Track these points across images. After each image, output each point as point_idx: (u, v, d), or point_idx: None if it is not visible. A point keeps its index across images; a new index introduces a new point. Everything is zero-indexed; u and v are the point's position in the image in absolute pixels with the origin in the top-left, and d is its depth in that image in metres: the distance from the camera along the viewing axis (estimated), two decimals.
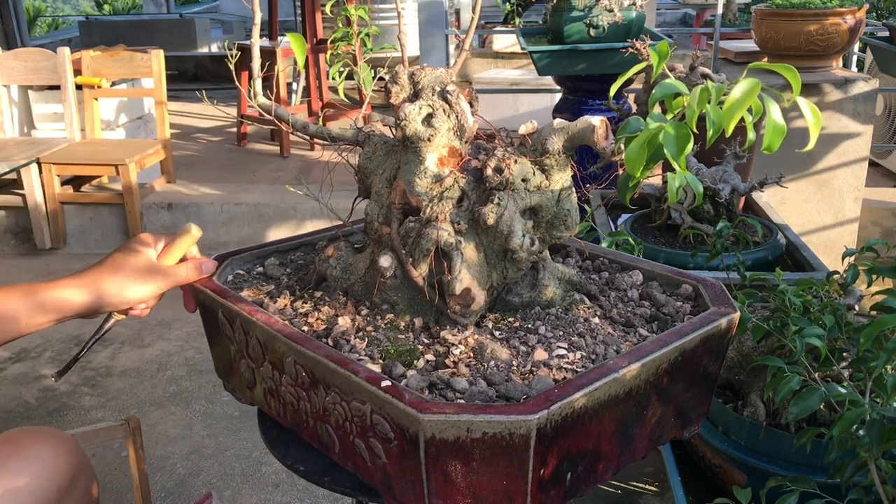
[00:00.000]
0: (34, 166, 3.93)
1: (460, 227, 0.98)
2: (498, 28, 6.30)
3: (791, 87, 0.67)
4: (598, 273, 1.18)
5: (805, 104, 0.62)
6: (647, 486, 1.74)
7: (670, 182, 0.71)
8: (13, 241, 4.21)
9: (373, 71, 1.25)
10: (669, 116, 0.66)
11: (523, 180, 0.99)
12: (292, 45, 1.12)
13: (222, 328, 1.07)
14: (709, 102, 0.62)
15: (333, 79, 1.28)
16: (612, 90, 0.87)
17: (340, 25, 2.86)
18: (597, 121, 0.94)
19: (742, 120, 0.69)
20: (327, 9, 2.91)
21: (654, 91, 0.67)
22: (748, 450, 1.42)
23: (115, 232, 4.17)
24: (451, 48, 4.46)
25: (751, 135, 0.64)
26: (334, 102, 5.21)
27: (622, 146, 0.88)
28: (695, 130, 0.64)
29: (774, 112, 0.62)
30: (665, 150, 0.64)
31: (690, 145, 0.64)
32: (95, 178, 4.34)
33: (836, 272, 1.50)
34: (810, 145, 0.63)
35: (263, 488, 2.24)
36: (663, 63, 0.75)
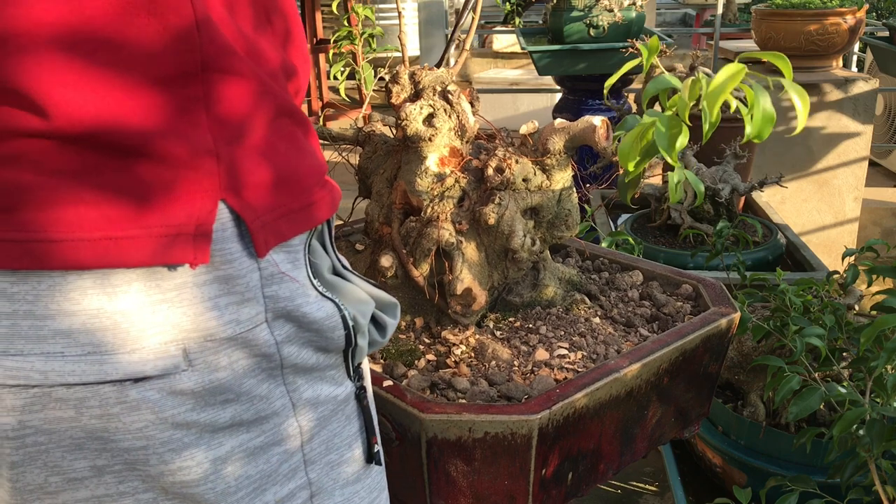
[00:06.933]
0: None
1: (461, 227, 0.98)
2: (498, 28, 6.31)
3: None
4: (599, 273, 1.18)
5: (792, 87, 0.61)
6: (647, 486, 1.74)
7: (670, 179, 0.71)
8: None
9: (373, 71, 1.25)
10: (668, 113, 0.66)
11: (524, 180, 0.99)
12: None
13: None
14: (702, 95, 0.62)
15: (335, 78, 1.28)
16: (607, 86, 0.87)
17: (346, 24, 2.85)
18: (598, 121, 0.94)
19: (740, 118, 0.69)
20: (333, 7, 2.89)
21: (647, 86, 0.67)
22: (748, 450, 1.42)
23: None
24: (451, 48, 4.45)
25: (748, 129, 0.64)
26: (334, 102, 5.22)
27: None
28: (688, 123, 0.64)
29: (763, 100, 0.62)
30: (657, 141, 0.64)
31: (685, 139, 0.64)
32: None
33: (836, 272, 1.50)
34: (799, 128, 0.63)
35: None
36: (654, 57, 0.75)
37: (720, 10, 3.70)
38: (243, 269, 0.53)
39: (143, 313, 0.50)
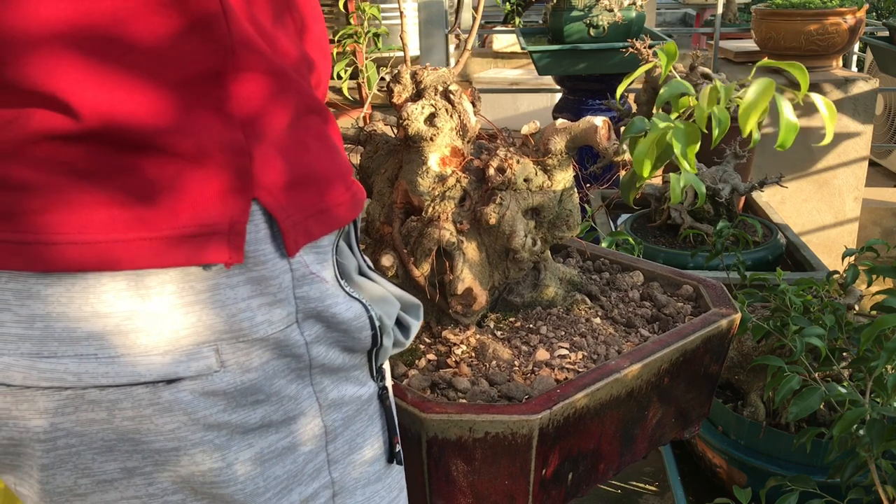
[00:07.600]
0: None
1: (462, 227, 0.99)
2: (498, 28, 6.30)
3: (795, 84, 0.67)
4: (599, 273, 1.18)
5: (820, 99, 0.62)
6: (647, 486, 1.74)
7: (674, 182, 0.71)
8: None
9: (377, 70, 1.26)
10: (674, 116, 0.66)
11: (525, 180, 0.99)
12: None
13: None
14: (718, 102, 0.62)
15: (338, 77, 1.28)
16: (619, 90, 0.87)
17: (351, 22, 2.84)
18: (599, 121, 0.94)
19: None
20: (340, 5, 2.87)
21: (661, 91, 0.67)
22: (748, 450, 1.42)
23: None
24: (452, 48, 4.45)
25: (756, 135, 0.64)
26: (336, 101, 5.22)
27: (625, 146, 0.88)
28: (704, 130, 0.64)
29: (786, 110, 0.62)
30: (674, 147, 0.64)
31: (698, 144, 0.65)
32: None
33: (836, 272, 1.51)
34: (828, 138, 0.63)
35: None
36: (672, 63, 0.75)
37: (720, 10, 3.70)
38: (276, 270, 0.53)
39: (177, 315, 0.50)
